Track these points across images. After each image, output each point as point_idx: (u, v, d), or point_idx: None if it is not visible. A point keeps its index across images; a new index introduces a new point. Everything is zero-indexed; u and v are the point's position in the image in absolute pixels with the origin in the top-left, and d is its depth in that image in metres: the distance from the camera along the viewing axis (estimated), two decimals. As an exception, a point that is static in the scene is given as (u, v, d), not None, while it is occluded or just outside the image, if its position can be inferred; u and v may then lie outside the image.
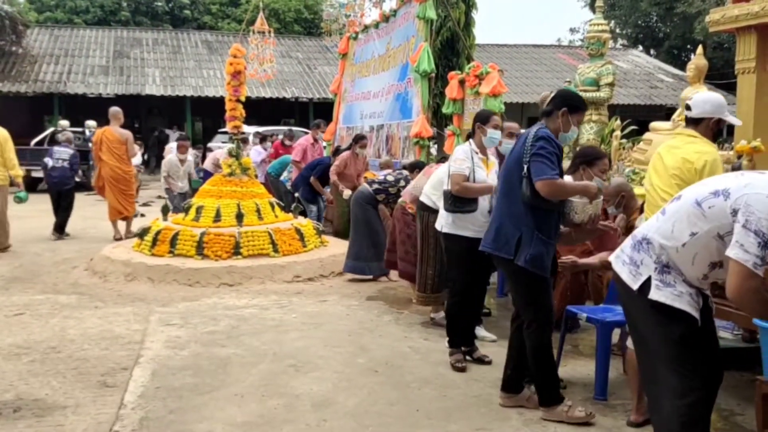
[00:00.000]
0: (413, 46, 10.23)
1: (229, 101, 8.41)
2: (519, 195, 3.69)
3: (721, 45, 29.17)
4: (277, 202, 8.65)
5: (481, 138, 4.65)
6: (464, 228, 4.61)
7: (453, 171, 4.57)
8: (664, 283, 2.67)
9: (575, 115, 3.76)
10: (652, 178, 3.60)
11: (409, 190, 6.02)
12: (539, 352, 3.79)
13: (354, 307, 6.29)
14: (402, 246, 6.10)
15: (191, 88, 23.33)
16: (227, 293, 6.73)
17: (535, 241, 3.68)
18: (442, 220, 4.73)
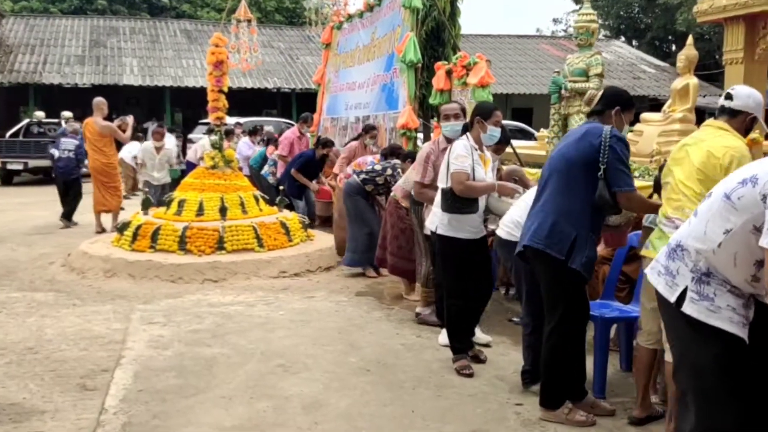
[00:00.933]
0: (399, 36, 10.04)
1: (212, 92, 8.19)
2: (580, 193, 3.50)
3: (702, 36, 29.29)
4: (261, 196, 8.46)
5: (480, 134, 4.41)
6: (461, 229, 4.35)
7: (455, 169, 4.26)
8: (701, 295, 2.43)
9: (627, 113, 3.68)
10: (674, 171, 3.37)
11: (400, 185, 5.82)
12: (561, 352, 3.61)
13: (343, 303, 6.14)
14: (395, 241, 5.95)
15: (170, 78, 22.93)
16: (211, 289, 6.55)
17: (590, 244, 3.54)
18: (436, 220, 4.43)
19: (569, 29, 36.61)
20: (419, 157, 4.94)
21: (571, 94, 8.12)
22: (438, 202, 4.41)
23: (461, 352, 4.44)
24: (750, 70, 8.05)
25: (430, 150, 4.90)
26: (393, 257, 5.98)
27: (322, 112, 12.94)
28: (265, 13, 30.06)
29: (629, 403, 3.88)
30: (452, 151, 4.35)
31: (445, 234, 4.38)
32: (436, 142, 4.95)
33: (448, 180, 4.31)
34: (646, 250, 3.53)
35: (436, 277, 4.96)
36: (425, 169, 4.83)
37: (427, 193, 4.83)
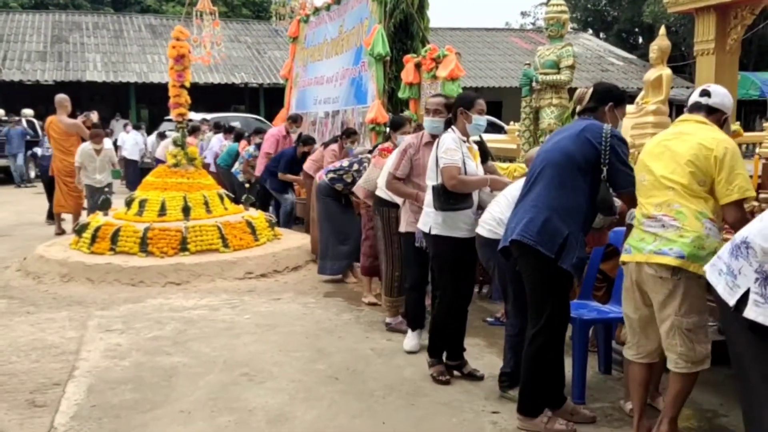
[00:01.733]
0: (367, 29, 9.88)
1: (173, 87, 7.89)
2: (575, 190, 3.34)
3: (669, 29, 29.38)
4: (226, 194, 8.19)
5: (465, 125, 4.17)
6: (456, 228, 4.06)
7: (446, 163, 3.97)
8: (766, 298, 2.26)
9: (621, 108, 3.55)
10: (651, 166, 3.21)
11: (360, 185, 5.50)
12: (544, 356, 3.43)
13: (311, 305, 5.92)
14: (366, 241, 5.76)
15: (135, 74, 22.46)
16: (174, 293, 6.28)
17: (580, 244, 3.36)
18: (429, 220, 4.12)
19: (537, 22, 36.67)
20: (398, 149, 4.70)
21: (542, 86, 7.97)
22: (429, 202, 4.12)
23: (438, 355, 4.24)
24: (721, 61, 7.96)
25: (409, 143, 4.63)
26: (363, 257, 5.79)
27: (291, 107, 12.75)
28: (232, 7, 29.58)
29: (609, 408, 3.74)
30: (440, 144, 4.07)
31: (440, 234, 4.09)
32: (418, 136, 4.66)
33: (438, 176, 4.03)
34: (627, 255, 3.30)
35: (414, 282, 4.70)
36: (400, 161, 4.58)
37: (397, 186, 4.61)
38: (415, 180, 4.55)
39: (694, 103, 3.30)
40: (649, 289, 3.18)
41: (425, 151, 4.46)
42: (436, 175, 4.06)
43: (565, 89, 8.16)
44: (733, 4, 7.93)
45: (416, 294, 4.70)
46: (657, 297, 3.15)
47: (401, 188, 4.60)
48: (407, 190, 4.58)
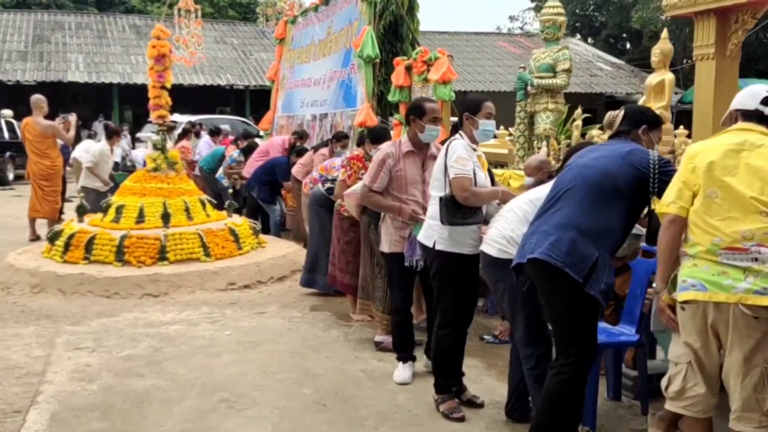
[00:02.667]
0: (356, 30, 9.61)
1: (153, 88, 7.54)
2: (611, 213, 3.05)
3: (656, 34, 29.41)
4: (208, 200, 7.83)
5: (472, 131, 3.81)
6: (462, 244, 3.70)
7: (457, 173, 3.61)
8: None
9: (656, 131, 3.35)
10: (727, 181, 2.71)
11: (354, 191, 4.99)
12: (569, 391, 3.08)
13: (296, 320, 5.58)
14: (342, 256, 5.40)
15: (118, 75, 22.05)
16: (151, 306, 5.92)
17: (609, 268, 3.02)
18: (434, 234, 3.75)
19: (525, 26, 36.58)
20: (375, 159, 4.32)
21: (538, 90, 7.71)
22: (434, 214, 3.77)
23: (447, 390, 3.85)
24: (721, 66, 7.66)
25: (387, 153, 4.23)
26: (342, 273, 5.43)
27: (277, 110, 12.52)
28: (218, 8, 29.21)
29: (621, 439, 3.44)
30: (451, 152, 3.68)
31: (445, 250, 3.72)
32: (396, 144, 4.28)
33: (446, 187, 3.67)
34: (701, 292, 2.73)
35: (400, 303, 4.36)
36: (377, 174, 4.23)
37: (375, 200, 4.29)
38: (395, 193, 4.21)
39: (753, 110, 2.86)
40: (736, 333, 2.68)
41: (406, 163, 4.17)
42: (444, 186, 3.69)
43: (561, 93, 7.89)
44: (734, 7, 7.68)
45: (402, 317, 4.36)
46: (747, 342, 2.66)
47: (380, 201, 4.27)
48: (387, 203, 4.23)
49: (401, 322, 4.36)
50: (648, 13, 27.60)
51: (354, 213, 4.96)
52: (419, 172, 4.22)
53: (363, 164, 5.34)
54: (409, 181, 4.20)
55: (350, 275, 5.34)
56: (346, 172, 5.34)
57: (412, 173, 4.21)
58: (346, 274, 5.39)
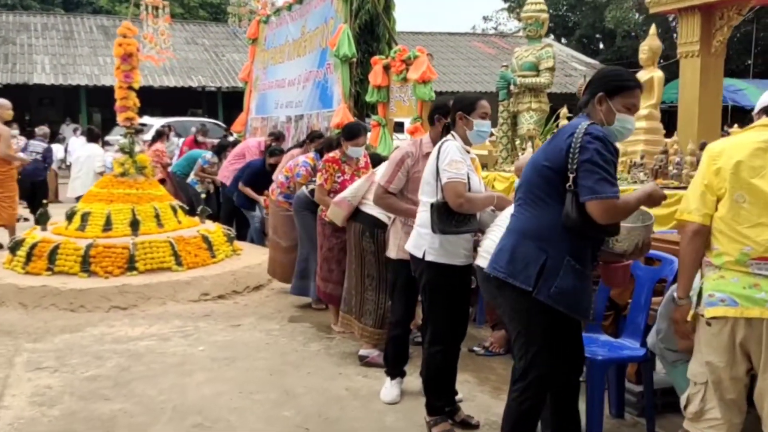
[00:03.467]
0: (331, 29, 9.33)
1: (120, 89, 7.18)
2: (551, 207, 2.68)
3: (629, 34, 29.66)
4: (180, 205, 7.49)
5: (466, 132, 3.52)
6: (455, 254, 3.43)
7: (450, 178, 3.28)
8: None
9: (620, 98, 2.71)
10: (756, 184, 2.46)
11: (346, 198, 4.66)
12: (521, 424, 2.81)
13: (274, 333, 5.28)
14: (325, 264, 5.10)
15: (86, 76, 21.51)
16: (119, 319, 5.58)
17: (568, 272, 2.65)
18: (424, 243, 3.46)
19: (499, 27, 36.57)
20: (392, 158, 3.92)
21: (521, 89, 7.50)
22: (423, 222, 3.45)
23: (440, 411, 3.57)
24: (706, 64, 7.57)
25: (407, 152, 3.86)
26: (325, 282, 5.13)
27: (250, 112, 12.20)
28: (188, 8, 28.70)
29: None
30: (443, 155, 3.37)
31: (436, 261, 3.43)
32: (417, 144, 3.90)
33: (438, 192, 3.35)
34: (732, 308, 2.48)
35: (401, 316, 4.03)
36: (395, 174, 3.85)
37: (390, 202, 3.89)
38: (410, 196, 3.83)
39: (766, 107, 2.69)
40: None
41: (423, 163, 3.74)
42: (435, 191, 3.38)
43: (544, 93, 7.69)
44: (719, 4, 7.58)
45: (401, 330, 4.04)
46: None
47: (396, 204, 3.89)
48: (403, 206, 3.85)
49: (399, 337, 4.03)
50: (621, 12, 27.70)
51: (338, 221, 4.65)
52: None
53: (339, 166, 5.09)
54: None
55: (333, 284, 5.05)
56: (322, 176, 5.07)
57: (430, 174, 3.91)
58: (328, 283, 5.10)
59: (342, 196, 4.61)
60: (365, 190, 4.50)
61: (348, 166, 5.12)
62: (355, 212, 4.54)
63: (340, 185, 5.03)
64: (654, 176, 5.31)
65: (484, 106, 3.54)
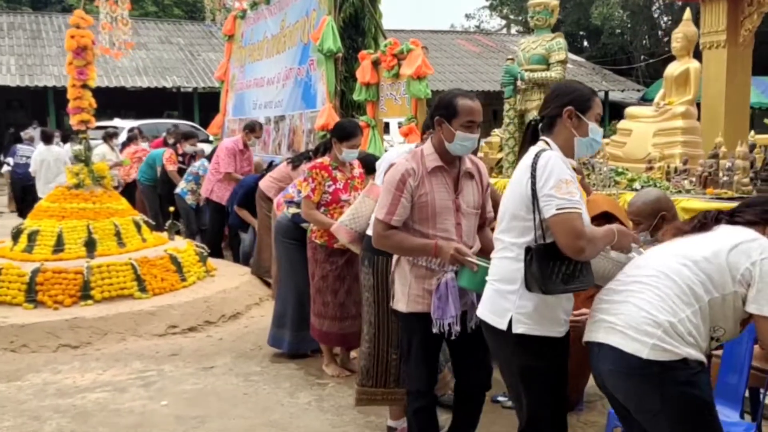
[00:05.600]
0: (314, 22, 8.58)
1: (73, 87, 6.30)
2: None
3: (614, 31, 29.27)
4: (145, 220, 6.57)
5: (574, 142, 2.50)
6: (553, 321, 2.39)
7: (563, 207, 2.26)
8: None
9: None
10: None
11: (343, 224, 3.74)
12: None
13: (254, 378, 4.40)
14: (318, 296, 4.24)
15: (54, 77, 20.57)
16: (67, 362, 4.68)
17: None
18: (509, 306, 2.39)
19: (482, 24, 36.09)
20: (389, 181, 2.91)
21: (529, 85, 6.70)
22: (508, 275, 2.42)
23: None
24: (733, 55, 6.81)
25: (406, 171, 2.88)
26: (319, 319, 4.25)
27: (227, 113, 11.50)
28: (163, 6, 27.72)
29: None
30: (542, 171, 2.32)
31: (530, 333, 2.38)
32: (417, 157, 2.93)
33: (537, 229, 2.33)
34: None
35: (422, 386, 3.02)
36: (396, 201, 2.86)
37: (393, 239, 2.90)
38: (417, 228, 2.90)
39: None
40: None
41: (433, 183, 2.89)
42: (532, 227, 2.35)
43: (555, 88, 6.92)
44: (749, -12, 6.84)
45: (426, 402, 3.06)
46: None
47: (405, 241, 2.88)
48: (416, 241, 2.87)
49: (424, 410, 3.06)
50: (608, 9, 27.14)
51: (354, 250, 3.73)
52: (451, 197, 2.92)
53: (329, 173, 4.24)
54: (439, 209, 2.89)
55: (329, 321, 4.20)
56: (309, 185, 4.22)
57: (442, 198, 2.90)
58: (323, 320, 4.22)
59: (339, 222, 3.70)
60: (369, 210, 3.56)
61: (340, 173, 4.28)
62: None
63: (332, 195, 4.22)
64: (703, 184, 4.51)
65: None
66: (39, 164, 10.22)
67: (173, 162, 8.47)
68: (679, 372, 2.14)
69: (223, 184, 7.62)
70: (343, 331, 4.23)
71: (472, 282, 2.70)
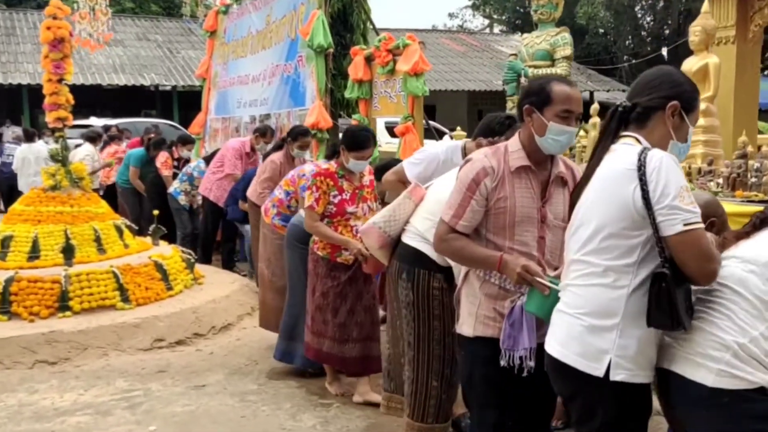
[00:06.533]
0: (302, 17, 8.27)
1: (49, 82, 5.87)
2: None
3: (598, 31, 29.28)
4: (127, 224, 6.17)
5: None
6: (649, 363, 2.00)
7: (690, 222, 1.85)
8: None
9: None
10: None
11: (376, 226, 3.08)
12: None
13: (251, 397, 4.02)
14: (318, 313, 3.84)
15: (28, 75, 20.05)
16: (44, 380, 4.28)
17: None
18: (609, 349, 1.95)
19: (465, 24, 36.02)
20: (462, 177, 2.44)
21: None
22: (607, 307, 1.96)
23: None
24: (742, 51, 6.57)
25: (483, 168, 2.40)
26: (318, 338, 3.86)
27: (210, 112, 11.16)
28: (140, 3, 27.14)
29: None
30: (656, 175, 1.88)
31: (630, 381, 1.95)
32: (499, 154, 2.45)
33: (657, 249, 1.90)
34: None
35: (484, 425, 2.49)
36: (466, 203, 2.40)
37: (454, 245, 2.45)
38: (491, 238, 2.43)
39: None
40: None
41: (515, 186, 2.40)
42: (642, 246, 1.92)
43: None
44: (759, -19, 6.60)
45: None
46: None
47: (466, 250, 2.43)
48: (481, 252, 2.40)
49: None
50: (593, 8, 27.08)
51: (380, 257, 3.21)
52: (536, 204, 2.43)
53: (335, 182, 3.87)
54: (519, 218, 2.40)
55: (329, 341, 3.82)
56: (312, 194, 3.84)
57: (525, 205, 2.40)
58: (322, 339, 3.85)
59: (372, 222, 3.14)
60: (407, 213, 3.07)
61: (347, 182, 3.90)
62: None
63: (337, 207, 3.85)
64: (731, 186, 4.23)
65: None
66: (21, 162, 10.13)
67: (168, 167, 8.04)
68: (756, 405, 1.84)
69: (222, 184, 7.24)
70: (343, 355, 3.83)
71: (542, 308, 2.23)
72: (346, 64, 8.00)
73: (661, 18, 29.01)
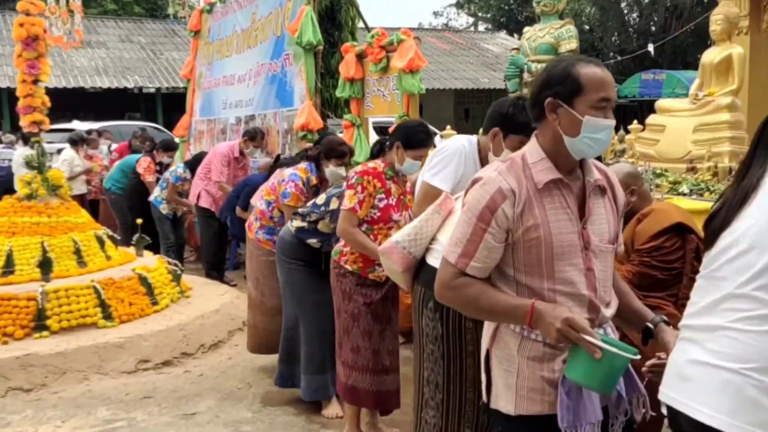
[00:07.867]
0: (290, 13, 7.94)
1: (23, 83, 5.46)
2: None
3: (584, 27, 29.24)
4: (109, 234, 5.79)
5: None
6: None
7: None
8: None
9: None
10: None
11: (399, 244, 2.52)
12: None
13: (246, 428, 3.66)
14: (347, 338, 3.32)
15: (7, 78, 19.61)
16: (18, 411, 3.90)
17: None
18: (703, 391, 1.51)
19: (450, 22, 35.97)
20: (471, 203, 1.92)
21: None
22: (723, 350, 1.51)
23: None
24: (756, 42, 6.29)
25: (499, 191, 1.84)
26: (348, 370, 3.32)
27: (194, 113, 10.87)
28: (123, 4, 26.72)
29: None
30: None
31: None
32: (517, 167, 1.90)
33: None
34: None
35: None
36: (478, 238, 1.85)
37: (465, 294, 1.90)
38: (525, 281, 1.85)
39: None
40: None
41: (548, 208, 1.83)
42: None
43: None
44: (773, -30, 6.32)
45: None
46: None
47: (485, 297, 1.85)
48: (503, 300, 1.85)
49: None
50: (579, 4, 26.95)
51: (403, 284, 2.67)
52: (576, 227, 1.85)
53: (383, 184, 3.29)
54: (558, 249, 1.82)
55: (359, 372, 3.29)
56: (356, 195, 3.26)
57: (563, 230, 1.83)
58: (351, 371, 3.31)
59: (394, 241, 2.55)
60: (434, 229, 2.52)
61: (395, 185, 3.36)
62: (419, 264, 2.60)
63: (381, 212, 3.30)
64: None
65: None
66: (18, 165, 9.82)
67: (152, 172, 7.61)
68: None
69: (210, 191, 6.87)
70: (377, 388, 3.31)
71: (591, 376, 1.70)
72: (334, 63, 7.69)
73: (647, 14, 28.90)
